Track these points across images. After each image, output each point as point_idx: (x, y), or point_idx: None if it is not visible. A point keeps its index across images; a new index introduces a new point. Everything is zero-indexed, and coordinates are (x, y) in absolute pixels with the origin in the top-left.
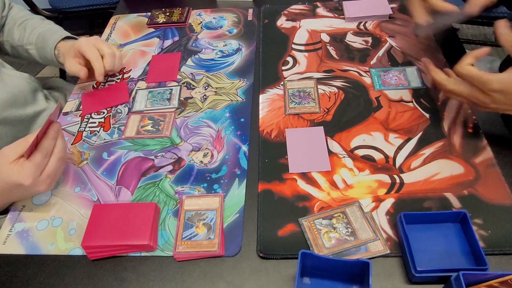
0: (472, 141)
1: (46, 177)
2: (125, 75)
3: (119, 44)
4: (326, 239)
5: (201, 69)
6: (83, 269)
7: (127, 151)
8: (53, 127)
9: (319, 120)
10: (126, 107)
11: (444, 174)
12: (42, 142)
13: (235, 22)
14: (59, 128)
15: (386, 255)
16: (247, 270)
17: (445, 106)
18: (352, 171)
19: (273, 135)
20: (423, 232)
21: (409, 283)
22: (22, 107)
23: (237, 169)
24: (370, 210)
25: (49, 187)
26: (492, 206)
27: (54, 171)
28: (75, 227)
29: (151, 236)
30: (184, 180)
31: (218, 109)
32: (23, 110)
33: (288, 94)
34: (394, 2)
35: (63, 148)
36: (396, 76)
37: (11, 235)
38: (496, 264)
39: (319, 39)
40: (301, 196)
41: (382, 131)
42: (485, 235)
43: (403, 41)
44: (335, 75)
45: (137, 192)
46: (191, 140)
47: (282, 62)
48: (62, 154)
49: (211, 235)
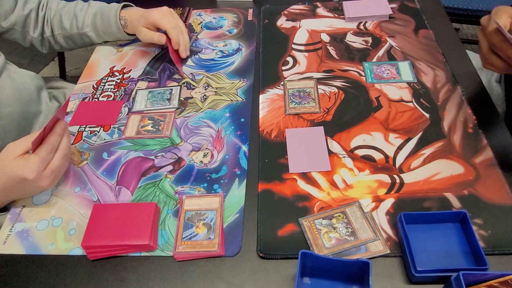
0: (472, 141)
1: (50, 172)
2: (125, 75)
3: (119, 44)
4: (326, 239)
5: (201, 69)
6: (83, 269)
7: (127, 151)
8: (60, 124)
9: (319, 120)
10: (126, 107)
11: (444, 174)
12: (49, 137)
13: (235, 22)
14: (66, 126)
15: (386, 255)
16: (247, 270)
17: (445, 106)
18: (352, 171)
19: (273, 135)
20: (423, 232)
21: (409, 283)
22: (27, 104)
23: (237, 169)
24: (370, 210)
25: (52, 184)
26: (492, 206)
27: (58, 167)
28: (75, 227)
29: (151, 236)
30: (184, 180)
31: (218, 109)
32: (27, 107)
33: (288, 94)
34: (394, 2)
35: (68, 146)
36: (388, 70)
37: (11, 235)
38: (496, 264)
39: (319, 39)
40: (301, 196)
41: (382, 131)
42: (485, 235)
43: (403, 41)
44: (335, 75)
45: (137, 192)
46: (191, 140)
47: (282, 62)
48: (67, 152)
49: (211, 235)
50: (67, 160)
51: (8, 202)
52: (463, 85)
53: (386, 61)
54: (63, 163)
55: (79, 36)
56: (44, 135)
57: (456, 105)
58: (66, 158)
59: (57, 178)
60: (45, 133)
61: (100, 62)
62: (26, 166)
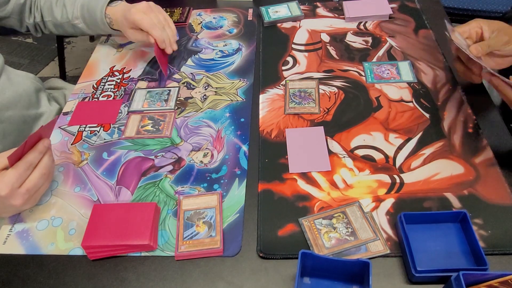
0: (472, 141)
1: (25, 191)
2: (125, 75)
3: (119, 44)
4: (326, 239)
5: (201, 69)
6: (83, 269)
7: (127, 151)
8: (43, 142)
9: (319, 120)
10: (126, 107)
11: (444, 174)
12: (28, 154)
13: (235, 22)
14: (49, 144)
15: (386, 255)
16: (247, 270)
17: (445, 106)
18: (352, 171)
19: (273, 135)
20: (423, 232)
21: (409, 283)
22: (26, 107)
23: (237, 169)
24: (370, 210)
25: (27, 205)
26: (492, 206)
27: (35, 186)
28: (75, 227)
29: (151, 236)
30: (184, 180)
31: (218, 109)
32: (26, 111)
33: (288, 94)
34: (394, 2)
35: (49, 165)
36: (388, 70)
37: (11, 235)
38: (496, 264)
39: (319, 39)
40: (301, 196)
41: (382, 131)
42: (485, 235)
43: (403, 41)
44: (335, 75)
45: (137, 192)
46: (191, 140)
47: (282, 62)
48: (46, 171)
49: (212, 233)
50: (46, 180)
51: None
52: (463, 85)
53: (386, 61)
54: (41, 183)
55: (71, 26)
56: (24, 151)
57: (456, 105)
58: (45, 178)
59: (34, 199)
60: (25, 148)
61: (100, 62)
62: (0, 182)
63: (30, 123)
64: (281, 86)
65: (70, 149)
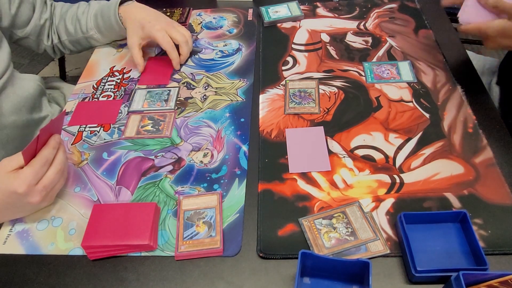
0: (472, 141)
1: (42, 187)
2: (125, 75)
3: (119, 44)
4: (326, 239)
5: (201, 69)
6: (83, 269)
7: (127, 151)
8: (54, 137)
9: (319, 120)
10: (126, 107)
11: (444, 174)
12: (42, 151)
13: (235, 22)
14: (61, 139)
15: (386, 255)
16: (247, 270)
17: (445, 106)
18: (352, 171)
19: (273, 135)
20: (423, 232)
21: (409, 283)
22: (30, 111)
23: (237, 169)
24: (370, 210)
25: (44, 202)
26: (492, 206)
27: (52, 182)
28: (75, 227)
29: (151, 236)
30: (184, 180)
31: (218, 109)
32: (29, 115)
33: (288, 94)
34: (394, 2)
35: (63, 161)
36: (388, 70)
37: (11, 235)
38: (496, 264)
39: (319, 39)
40: (301, 196)
41: (382, 131)
42: (485, 235)
43: (403, 41)
44: (335, 75)
45: (137, 192)
46: (191, 140)
47: (282, 62)
48: (62, 167)
49: (212, 233)
50: (62, 176)
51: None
52: (463, 85)
53: (386, 61)
54: (57, 179)
55: (85, 39)
56: (37, 147)
57: (456, 105)
58: (61, 174)
59: (51, 196)
60: (38, 144)
61: (100, 62)
62: (17, 179)
63: (33, 127)
64: (281, 86)
65: (70, 149)
